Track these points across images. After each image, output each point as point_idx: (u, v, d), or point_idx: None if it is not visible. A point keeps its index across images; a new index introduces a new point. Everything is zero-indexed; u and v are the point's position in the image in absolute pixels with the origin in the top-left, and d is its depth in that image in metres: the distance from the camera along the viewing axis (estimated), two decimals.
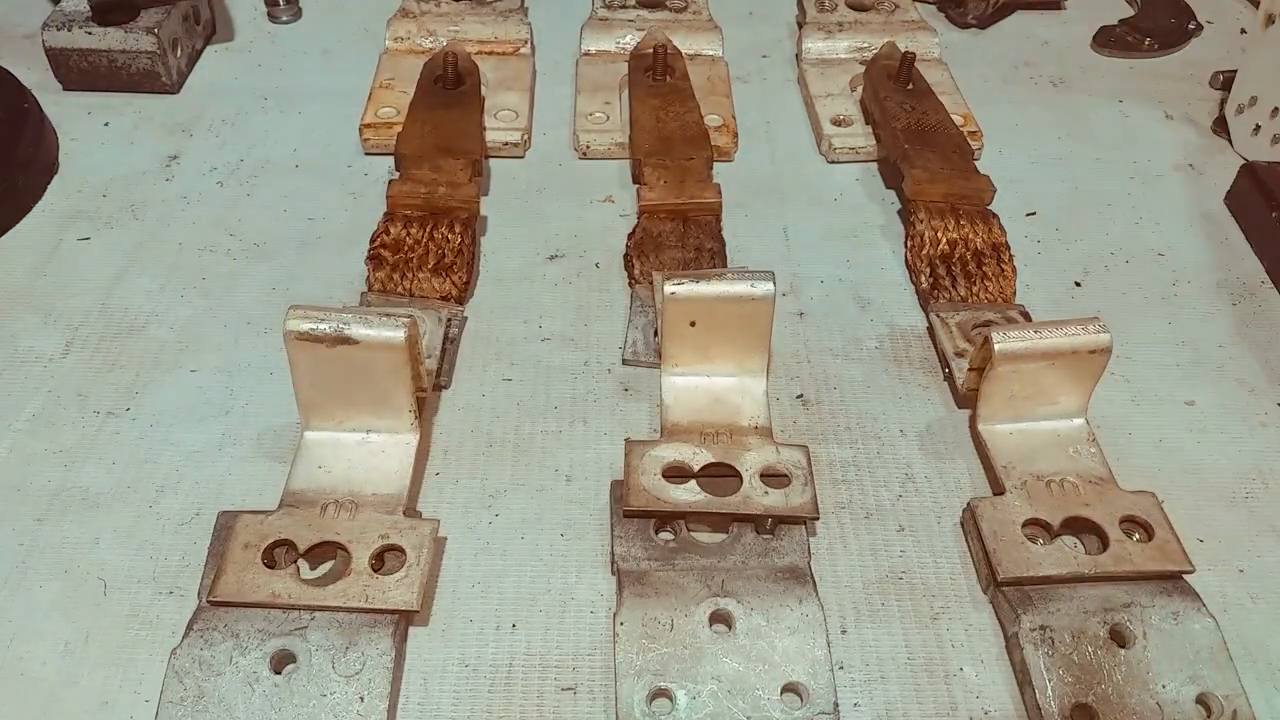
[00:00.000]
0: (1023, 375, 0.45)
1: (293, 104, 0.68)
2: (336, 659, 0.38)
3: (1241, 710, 0.37)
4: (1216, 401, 0.51)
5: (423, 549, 0.40)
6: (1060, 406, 0.46)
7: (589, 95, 0.67)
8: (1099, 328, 0.44)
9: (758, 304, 0.46)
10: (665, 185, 0.58)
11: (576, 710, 0.38)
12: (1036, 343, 0.44)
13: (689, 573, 0.41)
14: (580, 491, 0.46)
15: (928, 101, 0.64)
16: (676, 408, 0.47)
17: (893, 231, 0.60)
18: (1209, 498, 0.46)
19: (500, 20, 0.71)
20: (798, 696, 0.38)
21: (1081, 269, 0.58)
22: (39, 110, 0.63)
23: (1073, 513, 0.43)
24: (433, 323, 0.50)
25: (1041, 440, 0.46)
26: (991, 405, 0.46)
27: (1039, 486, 0.44)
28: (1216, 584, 0.43)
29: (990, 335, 0.45)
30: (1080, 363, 0.45)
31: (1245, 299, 0.56)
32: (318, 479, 0.43)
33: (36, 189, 0.60)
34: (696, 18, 0.73)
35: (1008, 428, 0.46)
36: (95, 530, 0.43)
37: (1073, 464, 0.45)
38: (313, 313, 0.42)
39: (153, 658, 0.39)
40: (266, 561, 0.40)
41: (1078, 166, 0.66)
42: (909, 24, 0.73)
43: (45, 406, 0.48)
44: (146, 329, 0.52)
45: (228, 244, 0.57)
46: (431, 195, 0.55)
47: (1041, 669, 0.38)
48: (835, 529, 0.44)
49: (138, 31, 0.65)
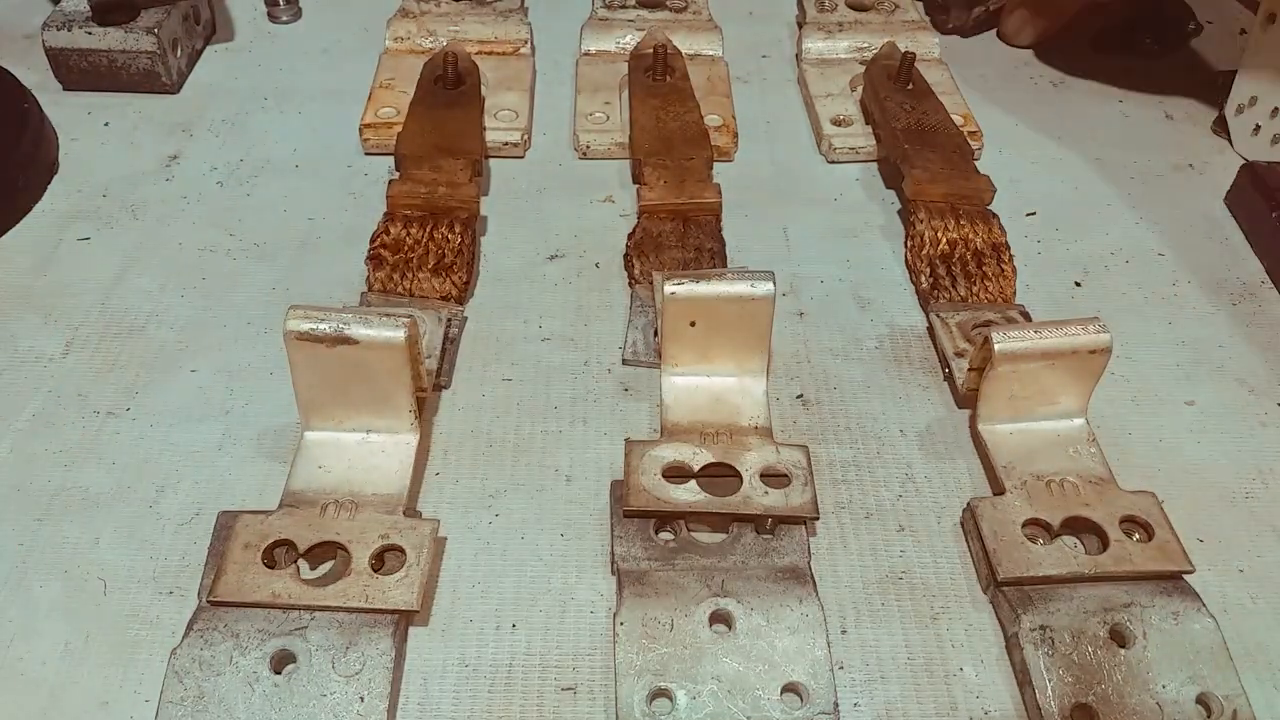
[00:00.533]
0: (1023, 375, 0.45)
1: (293, 104, 0.68)
2: (336, 659, 0.38)
3: (1241, 710, 0.37)
4: (1216, 401, 0.51)
5: (423, 549, 0.40)
6: (1060, 406, 0.46)
7: (589, 95, 0.67)
8: (1099, 328, 0.44)
9: (758, 304, 0.46)
10: (665, 185, 0.58)
11: (576, 710, 0.38)
12: (1036, 343, 0.44)
13: (689, 573, 0.41)
14: (580, 491, 0.46)
15: (928, 101, 0.64)
16: (676, 408, 0.47)
17: (893, 231, 0.60)
18: (1209, 498, 0.46)
19: (500, 20, 0.71)
20: (798, 696, 0.38)
21: (1081, 269, 0.58)
22: (39, 110, 0.63)
23: (1073, 513, 0.43)
24: (433, 323, 0.50)
25: (1041, 440, 0.46)
26: (991, 405, 0.46)
27: (1039, 486, 0.44)
28: (1216, 584, 0.43)
29: (990, 335, 0.45)
30: (1080, 362, 0.45)
31: (1245, 299, 0.56)
32: (318, 479, 0.43)
33: (36, 189, 0.60)
34: (696, 18, 0.73)
35: (1008, 428, 0.46)
36: (95, 530, 0.43)
37: (1073, 464, 0.45)
38: (313, 313, 0.42)
39: (153, 658, 0.39)
40: (266, 561, 0.40)
41: (1078, 166, 0.66)
42: (909, 24, 0.73)
43: (45, 406, 0.48)
44: (146, 329, 0.52)
45: (228, 244, 0.57)
46: (431, 195, 0.55)
47: (1041, 669, 0.38)
48: (835, 529, 0.45)
49: (138, 31, 0.65)
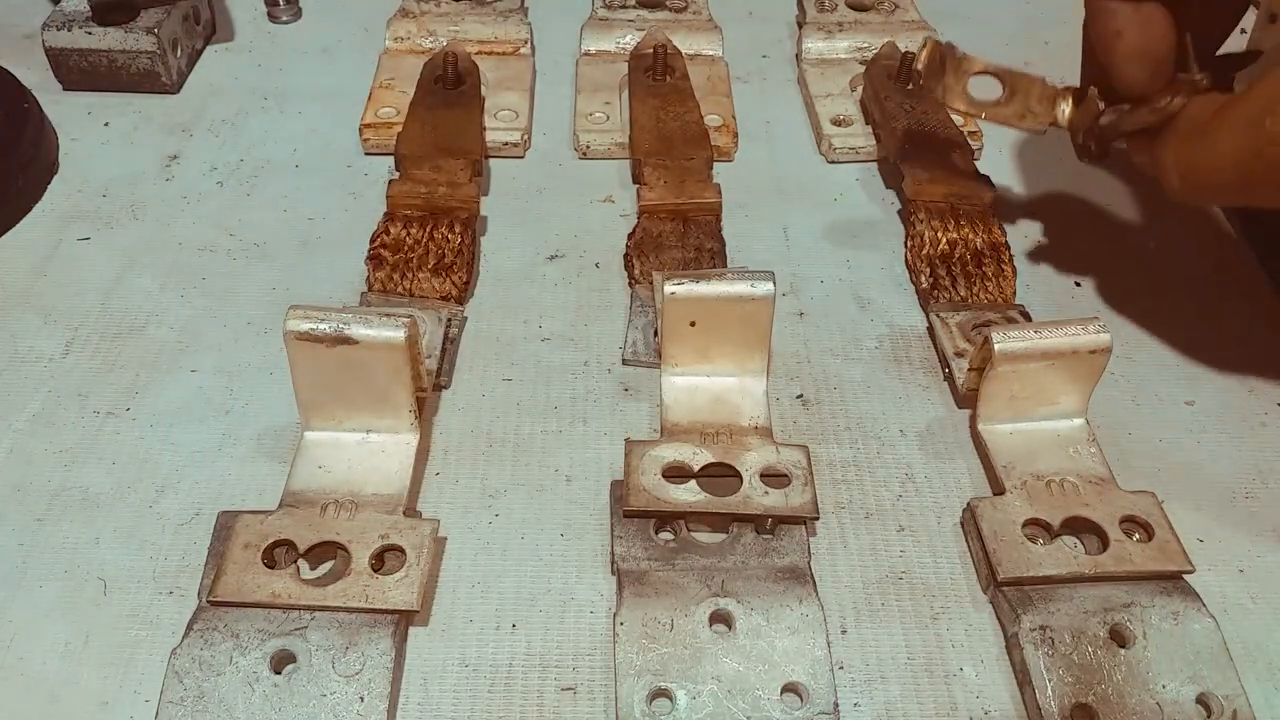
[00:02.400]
0: (1023, 375, 0.45)
1: (293, 104, 0.68)
2: (336, 659, 0.38)
3: (1241, 710, 0.37)
4: (1216, 401, 0.51)
5: (423, 549, 0.40)
6: (1060, 406, 0.46)
7: (589, 95, 0.67)
8: (1099, 328, 0.44)
9: (758, 304, 0.46)
10: (665, 185, 0.58)
11: (576, 710, 0.38)
12: (1036, 343, 0.44)
13: (689, 573, 0.41)
14: (580, 491, 0.46)
15: (928, 101, 0.64)
16: (676, 408, 0.47)
17: (893, 231, 0.60)
18: (1209, 498, 0.46)
19: (500, 20, 0.71)
20: (798, 696, 0.38)
21: (1081, 269, 0.58)
22: (39, 110, 0.63)
23: (1073, 513, 0.43)
24: (433, 323, 0.50)
25: (1042, 440, 0.46)
26: (991, 405, 0.46)
27: (1039, 486, 0.44)
28: (1216, 584, 0.43)
29: (990, 335, 0.45)
30: (1080, 363, 0.45)
31: (1245, 299, 0.56)
32: (318, 479, 0.43)
33: (36, 189, 0.60)
34: (696, 18, 0.73)
35: (1008, 428, 0.46)
36: (95, 530, 0.43)
37: (1073, 464, 0.45)
38: (313, 313, 0.42)
39: (153, 658, 0.39)
40: (266, 561, 0.40)
41: (1077, 166, 0.65)
42: (909, 24, 0.73)
43: (45, 406, 0.48)
44: (146, 329, 0.52)
45: (228, 244, 0.57)
46: (431, 195, 0.55)
47: (1041, 669, 0.38)
48: (835, 529, 0.45)
49: (138, 31, 0.65)
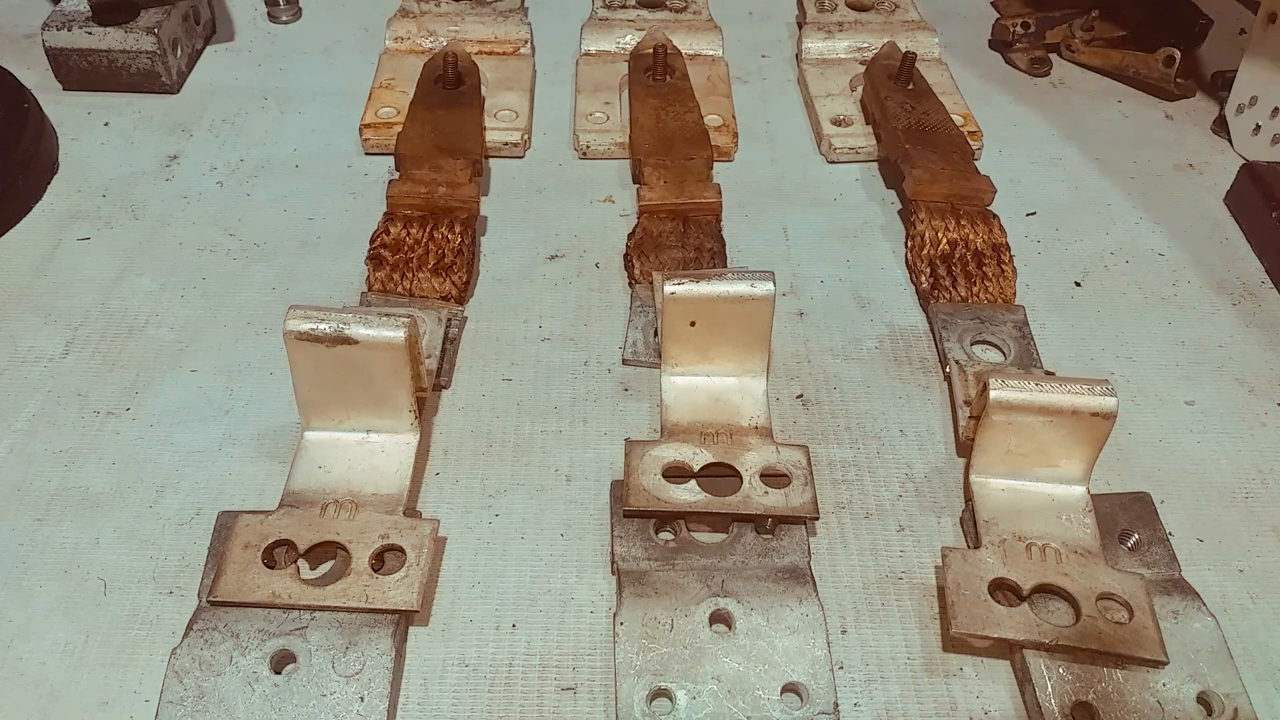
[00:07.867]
0: (1020, 429, 0.43)
1: (293, 104, 0.68)
2: (336, 659, 0.38)
3: (1243, 709, 0.37)
4: (1216, 401, 0.51)
5: (423, 549, 0.40)
6: (1060, 470, 0.44)
7: (589, 95, 0.67)
8: (1106, 390, 0.42)
9: (758, 304, 0.46)
10: (665, 185, 0.58)
11: (576, 710, 0.38)
12: (1035, 396, 0.42)
13: (689, 573, 0.41)
14: (580, 491, 0.46)
15: (928, 101, 0.64)
16: (676, 408, 0.47)
17: (893, 231, 0.60)
18: (1209, 498, 0.46)
19: (500, 20, 0.71)
20: (798, 696, 0.38)
21: (1081, 269, 0.58)
22: (39, 110, 0.63)
23: (1048, 580, 0.40)
24: (433, 323, 0.50)
25: (1033, 501, 0.43)
26: (986, 457, 0.44)
27: (1018, 548, 0.42)
28: (1216, 584, 0.43)
29: (989, 382, 0.43)
30: (1082, 425, 0.42)
31: (1245, 299, 0.56)
32: (318, 479, 0.43)
33: (36, 189, 0.60)
34: (696, 18, 0.73)
35: (1001, 483, 0.44)
36: (95, 530, 0.43)
37: (1061, 531, 0.42)
38: (313, 313, 0.42)
39: (153, 658, 0.39)
40: (266, 561, 0.40)
41: (1078, 166, 0.66)
42: (909, 24, 0.73)
43: (45, 406, 0.48)
44: (146, 329, 0.52)
45: (228, 244, 0.57)
46: (431, 195, 0.55)
47: (1042, 668, 0.38)
48: (835, 529, 0.44)
49: (138, 31, 0.65)
